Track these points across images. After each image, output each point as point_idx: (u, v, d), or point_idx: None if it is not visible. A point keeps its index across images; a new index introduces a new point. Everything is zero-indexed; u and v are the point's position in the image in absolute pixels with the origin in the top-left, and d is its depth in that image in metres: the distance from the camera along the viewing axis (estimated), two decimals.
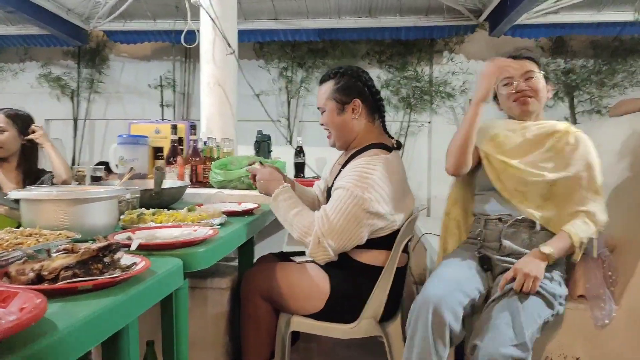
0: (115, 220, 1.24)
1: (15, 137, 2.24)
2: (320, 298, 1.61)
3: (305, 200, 1.79)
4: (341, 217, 1.51)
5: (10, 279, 0.78)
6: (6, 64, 5.60)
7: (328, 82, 1.73)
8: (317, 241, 1.52)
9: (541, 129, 1.67)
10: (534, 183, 1.59)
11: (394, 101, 5.05)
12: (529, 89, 1.69)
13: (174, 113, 5.37)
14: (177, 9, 4.60)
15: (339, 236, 1.52)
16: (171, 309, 1.11)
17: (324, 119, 1.74)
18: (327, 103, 1.71)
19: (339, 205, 1.52)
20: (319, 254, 1.54)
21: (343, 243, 1.53)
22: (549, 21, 4.47)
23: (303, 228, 1.55)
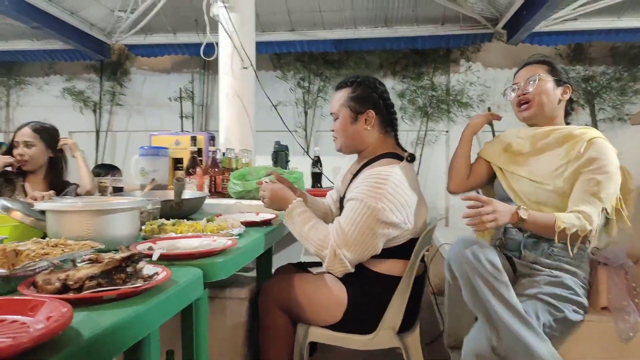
0: (137, 231, 1.26)
1: (42, 151, 2.30)
2: (337, 309, 1.61)
3: (317, 212, 1.80)
4: (355, 229, 1.51)
5: (37, 288, 0.81)
6: (32, 77, 5.77)
7: (344, 89, 1.73)
8: (333, 254, 1.52)
9: (555, 135, 1.62)
10: (547, 193, 1.56)
11: (410, 110, 5.04)
12: (528, 94, 1.66)
13: (193, 124, 5.45)
14: (196, 23, 4.69)
15: (355, 247, 1.52)
16: (191, 318, 1.12)
17: (335, 125, 1.75)
18: (340, 110, 1.72)
19: (352, 217, 1.53)
20: (336, 267, 1.54)
21: (359, 254, 1.53)
22: (567, 28, 4.42)
23: (318, 242, 1.55)
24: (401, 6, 4.52)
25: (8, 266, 0.86)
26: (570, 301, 1.45)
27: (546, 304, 1.41)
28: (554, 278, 1.47)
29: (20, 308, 0.71)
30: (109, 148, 5.65)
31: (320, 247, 1.55)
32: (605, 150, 1.53)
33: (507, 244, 1.64)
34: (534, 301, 1.41)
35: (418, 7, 4.51)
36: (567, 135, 1.60)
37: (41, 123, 2.39)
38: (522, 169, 1.64)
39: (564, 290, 1.45)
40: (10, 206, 1.24)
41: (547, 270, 1.51)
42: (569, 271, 1.50)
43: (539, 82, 1.65)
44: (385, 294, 1.60)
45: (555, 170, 1.57)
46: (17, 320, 0.69)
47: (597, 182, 1.48)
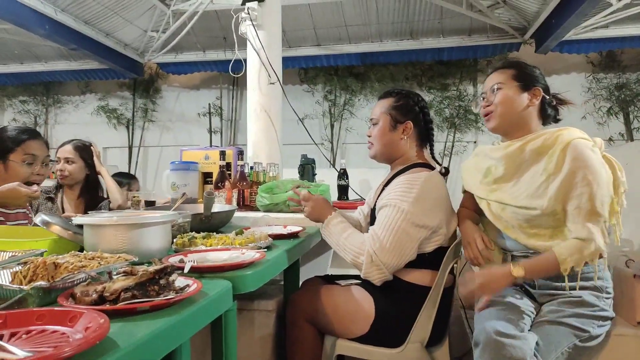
0: (168, 244, 1.30)
1: (81, 168, 2.40)
2: (365, 320, 1.61)
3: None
4: (390, 234, 1.52)
5: (75, 299, 0.84)
6: (68, 96, 6.02)
7: (388, 98, 1.78)
8: (370, 260, 1.53)
9: (530, 148, 1.48)
10: (537, 217, 1.44)
11: (437, 121, 5.01)
12: (490, 105, 1.57)
13: (222, 139, 5.56)
14: (225, 40, 4.81)
15: (391, 253, 1.52)
16: (221, 330, 1.14)
17: (373, 131, 1.77)
18: (381, 117, 1.75)
19: (386, 223, 1.54)
20: (373, 274, 1.54)
21: (396, 259, 1.54)
22: (598, 36, 4.33)
23: (355, 249, 1.57)
24: (427, 18, 4.53)
25: (48, 278, 0.89)
26: (594, 318, 1.39)
27: (570, 327, 1.36)
28: (575, 298, 1.41)
29: (60, 319, 0.74)
30: (140, 163, 5.81)
31: (357, 254, 1.56)
32: (582, 154, 1.39)
33: None
34: (557, 326, 1.36)
35: (444, 19, 4.51)
36: (541, 147, 1.46)
37: (82, 141, 2.50)
38: (505, 195, 1.52)
39: (586, 308, 1.39)
40: (50, 220, 1.29)
41: (566, 292, 1.44)
42: (588, 287, 1.43)
43: (499, 91, 1.54)
44: (413, 305, 1.59)
45: (537, 190, 1.44)
46: (57, 331, 0.72)
47: (587, 195, 1.36)
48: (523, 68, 1.58)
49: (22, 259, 0.99)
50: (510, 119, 1.54)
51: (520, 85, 1.53)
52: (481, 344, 1.31)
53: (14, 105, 6.08)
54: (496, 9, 4.32)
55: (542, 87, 1.54)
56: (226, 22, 4.47)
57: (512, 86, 1.54)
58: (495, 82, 1.57)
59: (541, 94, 1.53)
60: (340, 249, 1.62)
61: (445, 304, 1.64)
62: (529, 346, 1.27)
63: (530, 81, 1.54)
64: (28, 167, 1.82)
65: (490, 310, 1.40)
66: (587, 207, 1.36)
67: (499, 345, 1.26)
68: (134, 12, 4.48)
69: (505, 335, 1.27)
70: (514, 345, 1.25)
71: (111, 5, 4.28)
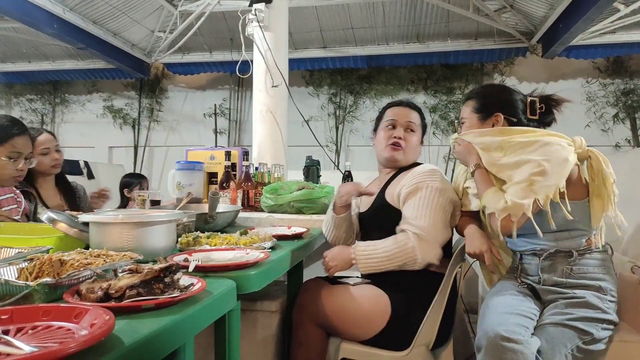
0: (173, 243, 1.30)
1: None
2: (382, 319, 1.59)
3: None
4: (429, 211, 1.59)
5: (81, 296, 0.85)
6: (75, 96, 6.06)
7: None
8: (417, 239, 1.56)
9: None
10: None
11: (442, 125, 5.00)
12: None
13: (228, 139, 5.57)
14: (231, 42, 4.83)
15: (435, 227, 1.58)
16: (224, 329, 1.14)
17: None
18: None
19: (422, 203, 1.61)
20: (427, 251, 1.56)
21: (441, 234, 1.60)
22: (605, 41, 4.32)
23: (398, 245, 1.58)
24: (434, 22, 4.53)
25: (54, 275, 0.90)
26: (597, 320, 1.39)
27: (573, 329, 1.35)
28: (579, 299, 1.41)
29: (66, 315, 0.74)
30: (146, 162, 5.83)
31: (402, 247, 1.57)
32: (548, 145, 1.45)
33: (524, 270, 1.59)
34: (561, 328, 1.36)
35: (451, 23, 4.51)
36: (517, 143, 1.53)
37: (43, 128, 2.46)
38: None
39: (590, 310, 1.39)
40: (56, 218, 1.30)
41: (570, 292, 1.45)
42: (592, 287, 1.44)
43: (464, 125, 1.68)
44: (428, 292, 1.59)
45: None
46: (63, 327, 0.72)
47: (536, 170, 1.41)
48: (482, 97, 1.68)
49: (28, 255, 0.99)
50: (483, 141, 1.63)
51: (479, 117, 1.65)
52: (483, 348, 1.31)
53: (22, 103, 6.12)
54: (503, 13, 4.32)
55: (504, 110, 1.62)
56: (233, 23, 4.49)
57: (472, 118, 1.67)
58: (461, 116, 1.72)
59: (501, 118, 1.62)
60: (388, 262, 1.60)
61: (450, 307, 1.64)
62: (531, 351, 1.27)
63: (489, 109, 1.64)
64: (13, 163, 1.79)
65: (493, 314, 1.40)
66: (526, 176, 1.41)
67: (501, 349, 1.26)
68: (141, 12, 4.51)
69: (508, 339, 1.26)
70: (516, 350, 1.25)
71: (119, 5, 4.30)
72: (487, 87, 1.72)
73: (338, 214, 1.82)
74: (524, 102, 1.65)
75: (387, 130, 1.82)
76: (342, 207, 1.80)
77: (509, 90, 1.68)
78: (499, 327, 1.30)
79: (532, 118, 1.63)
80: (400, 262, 1.58)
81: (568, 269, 1.48)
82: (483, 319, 1.42)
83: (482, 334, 1.34)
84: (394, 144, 1.79)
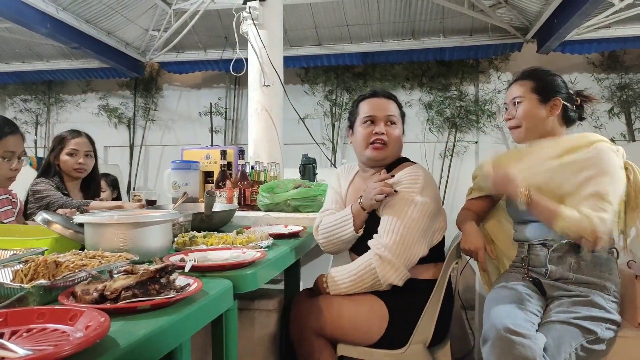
0: (169, 243, 1.30)
1: (93, 161, 2.39)
2: (381, 322, 1.57)
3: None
4: (395, 229, 1.52)
5: (76, 298, 0.84)
6: (70, 95, 6.03)
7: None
8: (378, 260, 1.51)
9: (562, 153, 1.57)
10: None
11: (437, 122, 5.01)
12: (514, 119, 1.65)
13: (224, 138, 5.56)
14: (226, 40, 4.81)
15: (399, 249, 1.51)
16: (221, 329, 1.14)
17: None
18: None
19: (392, 217, 1.54)
20: (388, 273, 1.51)
21: (406, 253, 1.52)
22: (600, 36, 4.33)
23: (361, 270, 1.55)
24: (429, 18, 4.53)
25: (49, 277, 0.89)
26: (602, 320, 1.39)
27: (577, 328, 1.35)
28: (583, 298, 1.42)
29: (61, 317, 0.74)
30: (142, 162, 5.81)
31: (366, 268, 1.54)
32: (604, 153, 1.46)
33: (531, 261, 1.59)
34: (566, 326, 1.36)
35: (446, 19, 4.51)
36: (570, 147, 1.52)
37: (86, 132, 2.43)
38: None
39: (595, 309, 1.40)
40: (51, 219, 1.29)
41: (575, 290, 1.45)
42: (597, 286, 1.45)
43: (520, 105, 1.61)
44: (424, 299, 1.58)
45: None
46: (58, 329, 0.72)
47: (602, 186, 1.41)
48: (542, 79, 1.62)
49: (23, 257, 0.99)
50: (535, 131, 1.61)
51: (539, 99, 1.59)
52: (490, 341, 1.30)
53: (16, 104, 6.09)
54: (498, 9, 4.32)
55: (562, 96, 1.59)
56: (227, 21, 4.47)
57: (532, 99, 1.60)
58: (515, 95, 1.63)
59: (561, 104, 1.58)
60: (355, 285, 1.57)
61: (446, 304, 1.64)
62: (539, 346, 1.26)
63: (549, 92, 1.59)
64: (7, 163, 1.78)
65: (500, 307, 1.40)
66: (600, 194, 1.40)
67: (509, 342, 1.25)
68: (135, 11, 4.48)
69: (516, 333, 1.26)
70: (525, 345, 1.24)
71: (113, 4, 4.28)
72: (542, 70, 1.64)
73: (358, 228, 1.64)
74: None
75: (365, 127, 1.69)
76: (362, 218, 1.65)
77: (561, 77, 1.66)
78: (507, 320, 1.29)
79: (574, 110, 1.63)
80: (367, 283, 1.55)
81: (576, 264, 1.48)
82: (489, 311, 1.41)
83: (489, 327, 1.33)
84: (375, 142, 1.67)
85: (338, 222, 1.68)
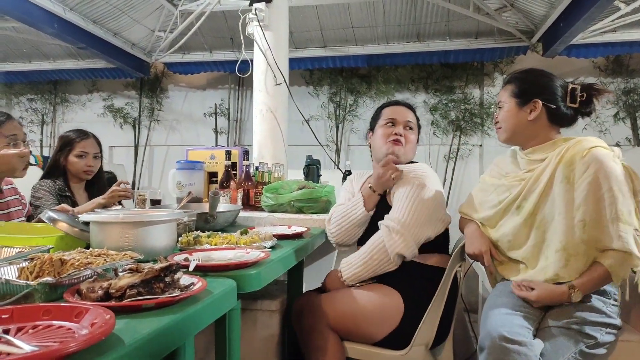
0: (174, 242, 1.30)
1: (99, 163, 2.40)
2: (397, 313, 1.59)
3: None
4: (406, 206, 1.62)
5: (81, 296, 0.85)
6: (75, 95, 6.05)
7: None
8: (387, 231, 1.60)
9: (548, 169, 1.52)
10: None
11: (442, 124, 5.00)
12: (498, 121, 1.67)
13: (228, 139, 5.57)
14: (232, 41, 4.83)
15: (409, 223, 1.60)
16: (224, 329, 1.14)
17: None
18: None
19: (403, 197, 1.64)
20: (397, 244, 1.58)
21: (415, 228, 1.60)
22: (606, 40, 4.32)
23: (370, 246, 1.63)
24: (434, 21, 4.52)
25: (55, 274, 0.90)
26: (601, 325, 1.38)
27: (577, 333, 1.35)
28: (582, 302, 1.41)
29: (67, 314, 0.74)
30: (147, 162, 5.83)
31: (374, 242, 1.62)
32: (604, 166, 1.40)
33: None
34: (565, 331, 1.35)
35: (451, 22, 4.50)
36: (558, 162, 1.47)
37: (93, 133, 2.43)
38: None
39: (594, 314, 1.39)
40: (57, 217, 1.30)
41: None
42: (597, 291, 1.43)
43: (500, 109, 1.63)
44: (434, 286, 1.62)
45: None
46: (63, 326, 0.72)
47: (615, 207, 1.37)
48: (523, 82, 1.61)
49: (29, 255, 0.99)
50: (515, 132, 1.60)
51: (518, 102, 1.59)
52: (486, 349, 1.30)
53: (22, 103, 6.12)
54: (503, 12, 4.31)
55: (543, 97, 1.55)
56: (233, 22, 4.49)
57: (510, 103, 1.60)
58: (499, 99, 1.66)
59: (540, 105, 1.55)
60: (365, 265, 1.64)
61: (448, 306, 1.64)
62: (535, 353, 1.26)
63: (528, 95, 1.57)
64: (14, 148, 1.80)
65: (495, 314, 1.40)
66: (618, 218, 1.37)
67: (505, 351, 1.25)
68: (142, 11, 4.51)
69: (511, 341, 1.26)
70: (520, 352, 1.24)
71: (119, 4, 4.30)
72: (527, 72, 1.63)
73: (370, 209, 1.75)
74: (565, 88, 1.57)
75: (386, 128, 1.83)
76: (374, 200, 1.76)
77: (549, 76, 1.61)
78: (502, 328, 1.30)
79: (572, 106, 1.56)
80: (377, 260, 1.61)
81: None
82: (486, 319, 1.41)
83: (485, 335, 1.34)
84: (395, 140, 1.81)
85: (349, 206, 1.79)
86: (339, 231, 1.80)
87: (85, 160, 2.29)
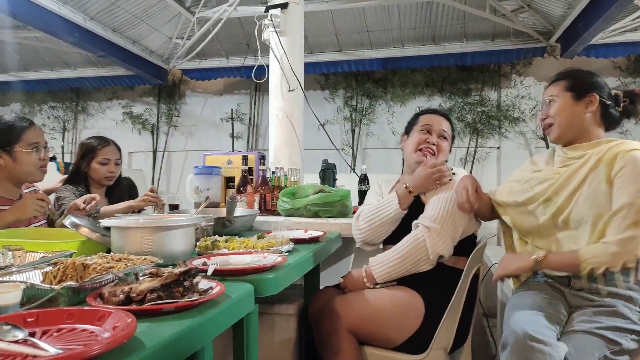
0: (192, 247, 1.32)
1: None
2: (417, 315, 1.59)
3: None
4: (442, 206, 1.65)
5: (103, 299, 0.87)
6: (96, 102, 6.18)
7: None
8: (427, 232, 1.61)
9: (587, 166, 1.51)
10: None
11: (459, 127, 4.96)
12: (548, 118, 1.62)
13: (248, 144, 5.62)
14: (248, 47, 4.88)
15: (445, 222, 1.62)
16: (242, 333, 1.15)
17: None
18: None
19: (439, 198, 1.68)
20: (436, 242, 1.59)
21: (451, 227, 1.63)
22: (626, 39, 4.24)
23: (408, 245, 1.63)
24: (450, 23, 4.50)
25: (77, 279, 0.92)
26: (626, 331, 1.35)
27: (601, 338, 1.32)
28: (608, 308, 1.38)
29: (89, 318, 0.76)
30: (165, 167, 5.91)
31: (413, 242, 1.62)
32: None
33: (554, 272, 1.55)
34: (589, 336, 1.32)
35: (467, 24, 4.47)
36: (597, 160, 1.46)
37: (113, 140, 2.47)
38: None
39: (620, 320, 1.35)
40: (79, 223, 1.33)
41: (599, 300, 1.41)
42: (623, 296, 1.40)
43: (553, 103, 1.58)
44: (453, 287, 1.60)
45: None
46: (86, 329, 0.74)
47: (636, 208, 1.35)
48: (576, 77, 1.58)
49: (53, 259, 1.02)
50: (569, 127, 1.56)
51: (573, 95, 1.55)
52: (509, 346, 1.28)
53: (44, 111, 6.26)
54: (520, 14, 4.27)
55: (599, 92, 1.54)
56: (249, 28, 4.53)
57: (565, 97, 1.56)
58: (548, 95, 1.60)
59: (597, 99, 1.52)
60: (401, 265, 1.63)
61: (467, 309, 1.63)
62: (559, 354, 1.24)
63: (584, 89, 1.54)
64: (36, 153, 1.85)
65: (521, 312, 1.38)
66: (633, 218, 1.35)
67: (529, 349, 1.23)
68: (159, 19, 4.58)
69: (536, 340, 1.23)
70: (544, 352, 1.22)
71: (138, 13, 4.38)
72: (578, 69, 1.62)
73: (404, 207, 1.76)
74: (610, 92, 1.57)
75: (421, 134, 1.85)
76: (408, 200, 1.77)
77: (599, 76, 1.61)
78: (527, 327, 1.27)
79: (618, 110, 1.57)
80: (414, 259, 1.61)
81: (601, 274, 1.42)
82: (509, 317, 1.39)
83: (509, 332, 1.31)
84: (426, 149, 1.82)
85: (382, 204, 1.79)
86: (368, 227, 1.78)
87: (107, 167, 2.33)
